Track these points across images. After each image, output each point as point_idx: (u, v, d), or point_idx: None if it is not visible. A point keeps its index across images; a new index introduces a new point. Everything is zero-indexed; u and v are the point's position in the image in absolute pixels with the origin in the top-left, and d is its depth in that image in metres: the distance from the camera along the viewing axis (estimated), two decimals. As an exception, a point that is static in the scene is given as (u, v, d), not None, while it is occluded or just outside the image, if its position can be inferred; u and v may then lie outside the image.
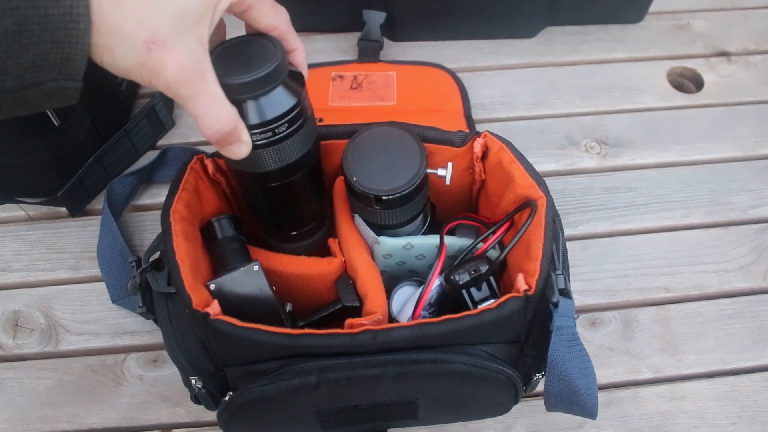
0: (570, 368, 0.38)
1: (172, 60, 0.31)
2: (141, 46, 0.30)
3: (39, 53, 0.28)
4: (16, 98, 0.29)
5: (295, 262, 0.47)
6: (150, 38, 0.30)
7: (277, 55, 0.37)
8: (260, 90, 0.37)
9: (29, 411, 0.55)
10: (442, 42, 0.80)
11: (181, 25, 0.31)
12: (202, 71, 0.32)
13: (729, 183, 0.68)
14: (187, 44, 0.31)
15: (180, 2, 0.31)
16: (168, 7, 0.30)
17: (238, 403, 0.41)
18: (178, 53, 0.31)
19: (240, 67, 0.36)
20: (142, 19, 0.30)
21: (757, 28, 0.81)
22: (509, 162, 0.44)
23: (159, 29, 0.30)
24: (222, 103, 0.34)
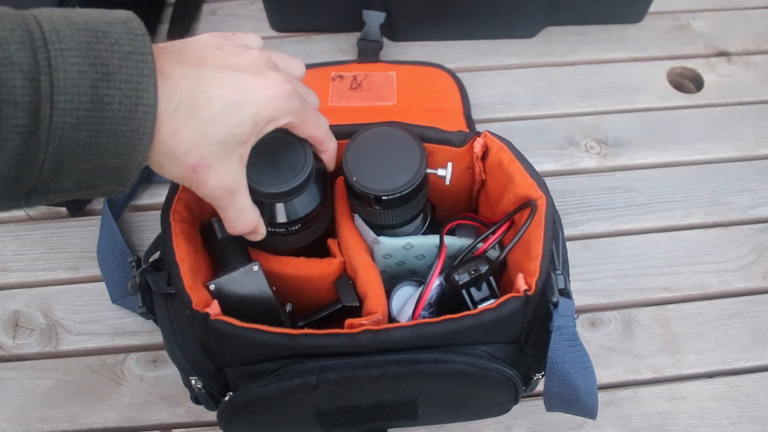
0: (570, 368, 0.38)
1: (212, 180, 0.35)
2: (188, 168, 0.34)
3: (101, 162, 0.30)
4: (68, 194, 0.31)
5: (294, 262, 0.47)
6: (197, 163, 0.34)
7: (307, 164, 0.40)
8: (289, 198, 0.41)
9: (29, 411, 0.55)
10: (442, 42, 0.80)
11: (226, 149, 0.34)
12: (236, 188, 0.37)
13: (729, 183, 0.68)
14: (229, 165, 0.35)
15: (230, 129, 0.34)
16: (218, 135, 0.33)
17: (238, 403, 0.41)
18: (220, 173, 0.35)
19: (270, 174, 0.40)
20: (194, 146, 0.33)
21: (757, 28, 0.81)
22: (509, 162, 0.44)
23: (206, 155, 0.34)
24: (249, 211, 0.39)
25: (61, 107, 0.28)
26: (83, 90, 0.28)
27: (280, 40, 0.80)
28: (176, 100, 0.32)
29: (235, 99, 0.34)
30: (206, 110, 0.33)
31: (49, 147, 0.28)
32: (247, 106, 0.34)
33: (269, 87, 0.35)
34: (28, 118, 0.27)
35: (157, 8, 0.83)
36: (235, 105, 0.34)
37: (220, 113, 0.33)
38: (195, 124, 0.32)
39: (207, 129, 0.33)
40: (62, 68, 0.28)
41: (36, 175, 0.29)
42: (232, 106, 0.33)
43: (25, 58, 0.27)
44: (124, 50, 0.29)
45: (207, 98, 0.33)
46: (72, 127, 0.28)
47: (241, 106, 0.34)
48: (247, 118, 0.34)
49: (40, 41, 0.27)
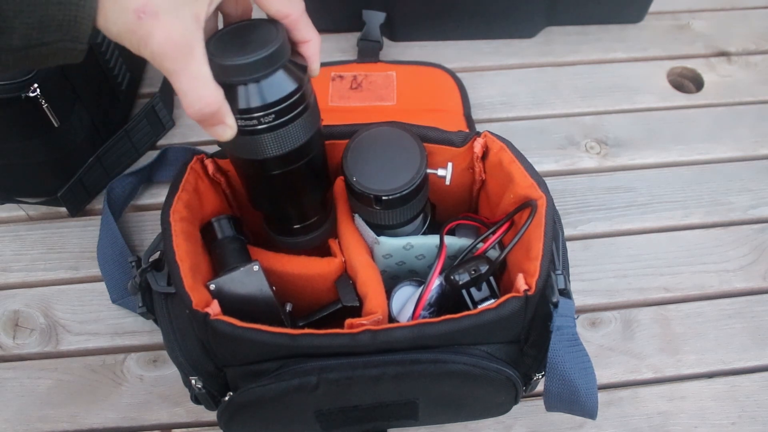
0: (570, 368, 0.38)
1: (160, 31, 0.31)
2: (131, 14, 0.30)
3: (46, 14, 0.28)
4: (21, 56, 0.29)
5: (295, 262, 0.47)
6: (141, 7, 0.30)
7: (277, 39, 0.35)
8: (256, 74, 0.35)
9: (29, 411, 0.55)
10: (442, 42, 0.80)
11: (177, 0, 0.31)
12: (190, 47, 0.32)
13: (729, 183, 0.68)
14: (180, 18, 0.31)
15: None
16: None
17: (238, 403, 0.41)
18: (168, 25, 0.31)
19: (237, 50, 0.35)
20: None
21: (757, 28, 0.81)
22: (509, 162, 0.44)
23: (152, 1, 0.30)
24: (206, 81, 0.33)
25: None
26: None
27: (280, 40, 0.80)
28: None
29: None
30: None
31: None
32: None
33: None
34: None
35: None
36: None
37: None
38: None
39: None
40: None
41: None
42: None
43: None
44: None
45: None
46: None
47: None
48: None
49: None
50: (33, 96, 0.54)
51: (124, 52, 0.69)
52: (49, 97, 0.55)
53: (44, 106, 0.55)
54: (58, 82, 0.57)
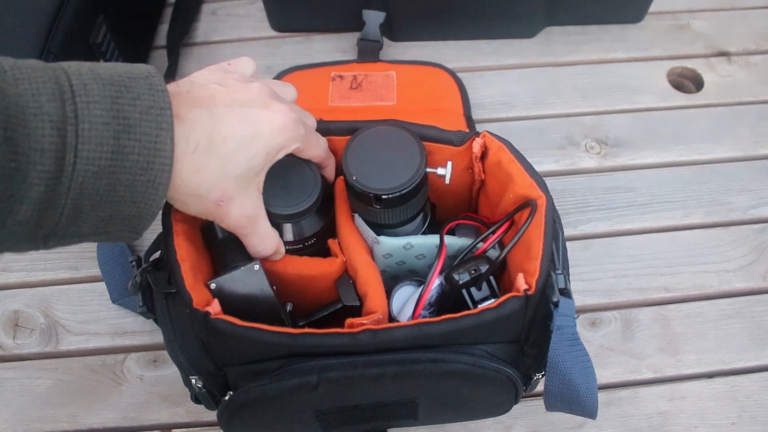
0: (570, 368, 0.38)
1: (235, 212, 0.37)
2: (212, 204, 0.36)
3: (117, 209, 0.32)
4: (84, 239, 0.33)
5: (295, 262, 0.47)
6: (220, 198, 0.36)
7: (316, 190, 0.44)
8: (297, 219, 0.44)
9: (29, 411, 0.55)
10: (442, 42, 0.80)
11: (245, 182, 0.37)
12: (257, 216, 0.39)
13: (729, 183, 0.68)
14: (248, 195, 0.38)
15: (246, 162, 0.36)
16: (236, 170, 0.36)
17: (238, 402, 0.41)
18: (241, 205, 0.37)
19: (283, 197, 0.43)
20: (215, 183, 0.35)
21: (757, 28, 0.81)
22: (508, 162, 0.44)
23: (227, 189, 0.36)
24: (270, 235, 0.41)
25: (84, 156, 0.29)
26: (106, 141, 0.30)
27: (280, 40, 0.80)
28: (194, 142, 0.34)
29: (247, 134, 0.36)
30: (223, 148, 0.35)
31: (70, 193, 0.30)
32: (259, 138, 0.36)
33: (277, 118, 0.37)
34: (53, 165, 0.29)
35: (157, 8, 0.83)
36: (249, 139, 0.36)
37: (235, 149, 0.35)
38: (214, 162, 0.34)
39: (226, 165, 0.35)
40: (88, 120, 0.29)
41: (56, 219, 0.30)
42: (246, 141, 0.36)
43: (55, 110, 0.28)
44: (145, 104, 0.31)
45: (222, 137, 0.35)
46: (93, 175, 0.30)
47: (254, 140, 0.36)
48: (261, 150, 0.36)
49: (68, 93, 0.29)
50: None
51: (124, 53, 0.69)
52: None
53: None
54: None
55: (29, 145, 0.28)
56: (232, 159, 0.35)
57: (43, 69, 0.29)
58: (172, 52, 0.76)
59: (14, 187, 0.28)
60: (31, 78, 0.29)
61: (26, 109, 0.28)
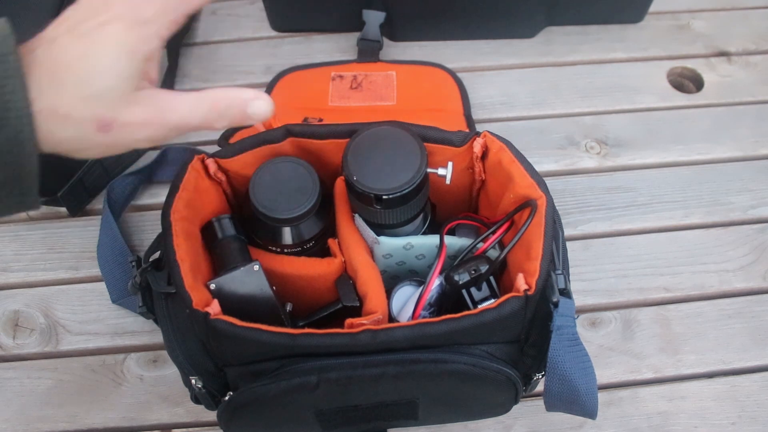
0: (570, 368, 0.38)
1: (134, 129, 0.32)
2: (98, 136, 0.31)
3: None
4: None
5: (295, 262, 0.47)
6: (99, 126, 0.31)
7: (314, 193, 0.44)
8: (296, 223, 0.44)
9: (29, 411, 0.55)
10: (442, 42, 0.80)
11: (120, 94, 0.31)
12: (163, 110, 0.33)
13: (729, 183, 0.68)
14: (135, 102, 0.32)
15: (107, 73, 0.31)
16: (98, 87, 0.31)
17: (238, 402, 0.41)
18: (132, 120, 0.32)
19: (281, 200, 0.43)
20: (83, 115, 0.30)
21: (757, 28, 0.81)
22: (509, 162, 0.44)
23: (100, 114, 0.31)
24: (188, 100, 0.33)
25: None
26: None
27: (280, 40, 0.80)
28: (37, 84, 0.29)
29: (90, 48, 0.31)
30: (70, 75, 0.30)
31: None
32: (107, 45, 0.31)
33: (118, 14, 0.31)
34: None
35: (157, 8, 0.83)
36: (96, 51, 0.31)
37: (85, 69, 0.30)
38: (67, 94, 0.30)
39: (83, 91, 0.30)
40: None
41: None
42: (93, 55, 0.30)
43: None
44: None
45: (65, 64, 0.30)
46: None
47: (103, 49, 0.31)
48: (117, 54, 0.31)
49: None
50: (33, 96, 0.54)
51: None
52: (49, 97, 0.55)
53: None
54: (58, 82, 0.57)
55: None
56: (86, 79, 0.30)
57: None
58: (172, 52, 0.76)
59: None
60: None
61: None
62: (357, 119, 0.46)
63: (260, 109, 0.34)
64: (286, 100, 0.73)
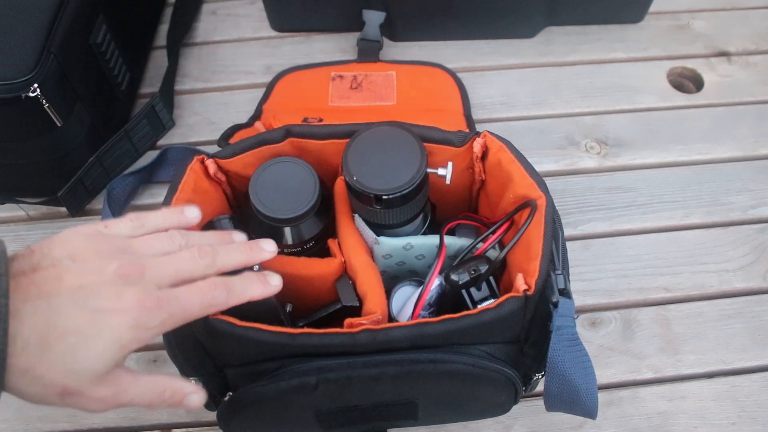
0: (570, 368, 0.38)
1: (93, 400, 0.32)
2: (57, 398, 0.32)
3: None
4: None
5: (295, 262, 0.47)
6: (62, 392, 0.31)
7: (315, 193, 0.44)
8: (296, 223, 0.44)
9: (29, 411, 0.55)
10: (442, 42, 0.80)
11: (96, 376, 0.32)
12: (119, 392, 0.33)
13: (729, 183, 0.68)
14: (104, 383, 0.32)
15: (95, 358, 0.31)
16: (81, 365, 0.31)
17: (238, 403, 0.41)
18: (93, 394, 0.32)
19: (282, 200, 0.44)
20: (52, 381, 0.31)
21: (757, 28, 0.81)
22: (509, 162, 0.44)
23: (69, 384, 0.31)
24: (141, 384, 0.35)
25: None
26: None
27: (280, 40, 0.80)
28: (23, 339, 0.29)
29: (91, 329, 0.31)
30: (60, 344, 0.30)
31: None
32: (107, 333, 0.31)
33: (127, 312, 0.32)
34: None
35: (157, 8, 0.83)
36: (95, 334, 0.31)
37: (77, 344, 0.31)
38: (48, 359, 0.30)
39: (66, 362, 0.31)
40: None
41: None
42: (91, 336, 0.31)
43: None
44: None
45: (60, 332, 0.30)
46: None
47: (101, 334, 0.31)
48: (111, 345, 0.32)
49: None
50: (33, 96, 0.54)
51: (124, 52, 0.69)
52: (49, 97, 0.55)
53: (46, 106, 0.55)
54: (59, 82, 0.57)
55: None
56: (74, 354, 0.31)
57: None
58: (172, 52, 0.76)
59: None
60: None
61: None
62: (357, 119, 0.46)
63: (194, 401, 0.37)
64: (286, 100, 0.73)
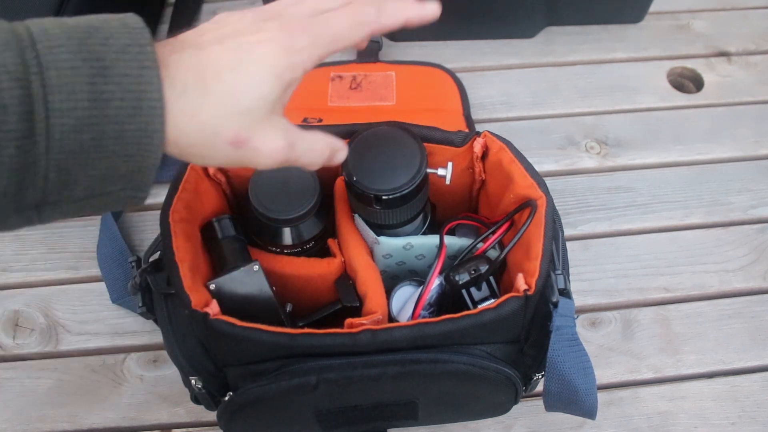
0: (569, 368, 0.38)
1: (263, 149, 0.32)
2: (229, 148, 0.31)
3: (111, 166, 0.28)
4: (83, 205, 0.29)
5: (295, 262, 0.47)
6: (233, 138, 0.31)
7: (314, 193, 0.44)
8: (296, 223, 0.45)
9: (29, 411, 0.55)
10: (442, 42, 0.79)
11: (261, 114, 0.31)
12: (292, 141, 0.33)
13: (729, 183, 0.68)
14: (272, 126, 0.32)
15: (254, 92, 0.31)
16: (243, 103, 0.31)
17: (238, 403, 0.41)
18: (264, 140, 0.32)
19: (281, 200, 0.44)
20: (221, 125, 0.30)
21: (757, 28, 0.81)
22: (509, 162, 0.44)
23: (239, 128, 0.31)
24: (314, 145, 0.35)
25: (57, 107, 0.26)
26: (78, 87, 0.26)
27: (280, 40, 0.80)
28: (181, 83, 0.29)
29: (243, 63, 0.31)
30: (217, 83, 0.30)
31: (50, 153, 0.26)
32: (260, 64, 0.31)
33: (273, 39, 0.32)
34: (20, 122, 0.25)
35: (157, 8, 0.83)
36: (247, 67, 0.31)
37: (234, 81, 0.30)
38: (210, 101, 0.30)
39: (227, 101, 0.30)
40: (54, 66, 0.26)
41: (41, 184, 0.27)
42: (244, 70, 0.31)
43: (11, 58, 0.25)
44: (121, 43, 0.27)
45: (214, 71, 0.30)
46: (72, 128, 0.26)
47: (254, 66, 0.31)
48: (267, 76, 0.31)
49: (27, 41, 0.26)
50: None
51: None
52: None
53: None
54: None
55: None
56: (234, 92, 0.30)
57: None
58: (172, 52, 0.76)
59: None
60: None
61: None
62: (356, 119, 0.46)
63: (340, 158, 0.38)
64: (286, 100, 0.73)
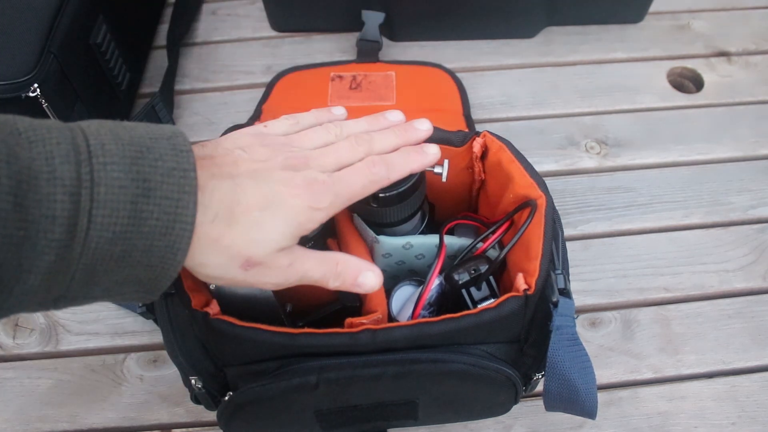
0: (569, 368, 0.38)
1: (270, 273, 0.34)
2: (238, 271, 0.34)
3: (133, 273, 0.30)
4: (95, 300, 0.31)
5: (294, 261, 0.47)
6: (245, 263, 0.33)
7: None
8: None
9: (29, 411, 0.55)
10: (442, 42, 0.80)
11: (276, 248, 0.34)
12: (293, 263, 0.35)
13: (729, 183, 0.68)
14: (283, 254, 0.34)
15: (276, 230, 0.34)
16: (265, 236, 0.33)
17: (238, 402, 0.41)
18: (272, 266, 0.34)
19: None
20: (238, 252, 0.33)
21: (757, 28, 0.81)
22: (508, 162, 0.44)
23: (252, 255, 0.33)
24: (315, 257, 0.37)
25: (99, 221, 0.28)
26: (122, 205, 0.28)
27: (280, 40, 0.80)
28: (213, 212, 0.32)
29: (272, 205, 0.34)
30: (245, 216, 0.33)
31: (82, 258, 0.28)
32: (287, 210, 0.34)
33: (299, 193, 0.34)
34: (64, 232, 0.27)
35: (157, 8, 0.83)
36: (275, 209, 0.34)
37: (260, 218, 0.33)
38: (235, 231, 0.32)
39: (250, 232, 0.33)
40: (104, 182, 0.28)
41: (66, 284, 0.29)
42: (272, 211, 0.34)
43: (68, 173, 0.27)
44: (168, 166, 0.30)
45: (244, 206, 0.33)
46: (107, 241, 0.28)
47: (280, 210, 0.34)
48: (291, 220, 0.34)
49: (84, 155, 0.28)
50: (33, 96, 0.54)
51: (124, 52, 0.70)
52: (49, 97, 0.55)
53: (45, 105, 0.55)
54: (59, 81, 0.57)
55: (40, 212, 0.26)
56: (259, 228, 0.33)
57: (60, 129, 0.28)
58: (172, 52, 0.76)
59: (22, 256, 0.26)
60: (46, 140, 0.27)
61: (39, 174, 0.26)
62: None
63: (369, 280, 0.38)
64: (286, 100, 0.73)
